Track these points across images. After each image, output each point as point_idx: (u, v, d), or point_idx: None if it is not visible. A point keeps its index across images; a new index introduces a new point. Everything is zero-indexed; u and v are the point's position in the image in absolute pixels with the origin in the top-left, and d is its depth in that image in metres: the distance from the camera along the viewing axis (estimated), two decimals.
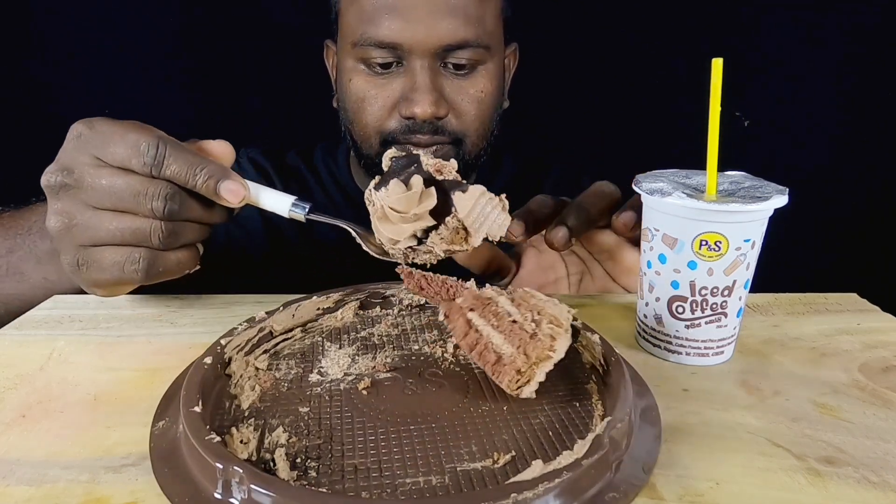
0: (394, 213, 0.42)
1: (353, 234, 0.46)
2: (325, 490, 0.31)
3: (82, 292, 0.50)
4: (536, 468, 0.30)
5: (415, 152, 0.45)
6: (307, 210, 0.46)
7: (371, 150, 0.73)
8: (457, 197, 0.43)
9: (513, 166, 0.90)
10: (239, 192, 0.43)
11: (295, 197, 0.46)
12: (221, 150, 0.46)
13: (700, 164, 0.44)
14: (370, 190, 0.44)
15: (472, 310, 0.40)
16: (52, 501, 0.31)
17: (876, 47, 1.15)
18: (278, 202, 0.45)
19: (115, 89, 1.12)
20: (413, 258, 0.45)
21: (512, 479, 0.29)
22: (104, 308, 0.54)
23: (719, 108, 0.42)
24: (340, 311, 0.50)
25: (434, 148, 0.71)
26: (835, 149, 1.21)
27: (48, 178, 0.42)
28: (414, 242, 0.44)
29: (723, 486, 0.33)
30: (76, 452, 0.35)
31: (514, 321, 0.38)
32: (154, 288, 0.58)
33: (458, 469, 0.32)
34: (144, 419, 0.37)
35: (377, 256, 0.46)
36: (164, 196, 0.41)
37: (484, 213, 0.43)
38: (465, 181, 0.44)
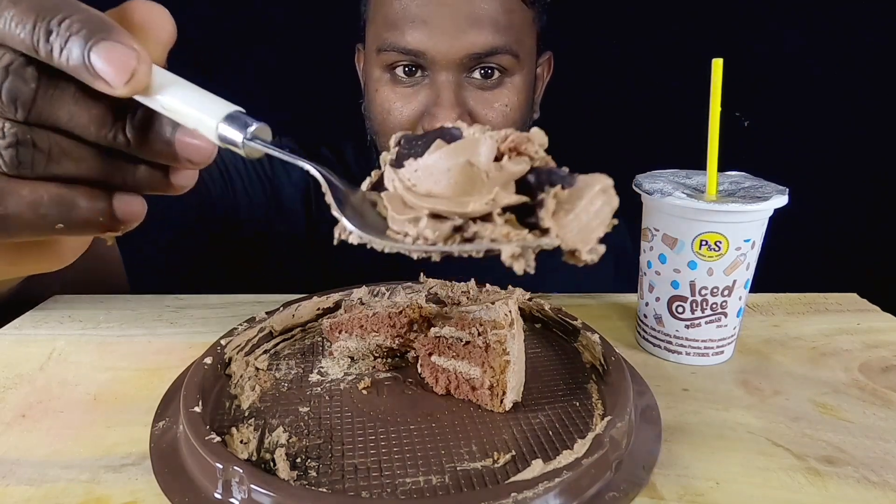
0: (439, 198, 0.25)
1: (324, 184, 0.27)
2: (325, 490, 0.31)
3: None
4: (536, 468, 0.30)
5: (450, 126, 0.29)
6: (254, 129, 0.26)
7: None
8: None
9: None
10: (128, 62, 0.24)
11: (236, 108, 0.27)
12: (152, 17, 0.27)
13: (700, 164, 0.45)
14: (388, 167, 0.28)
15: (430, 354, 0.40)
16: (52, 501, 0.31)
17: (876, 47, 1.15)
18: (205, 119, 0.26)
19: None
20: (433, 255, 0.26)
21: (512, 479, 0.29)
22: (104, 308, 0.54)
23: (719, 108, 0.42)
24: (341, 310, 0.50)
25: None
26: (835, 149, 1.21)
27: None
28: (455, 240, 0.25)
29: (723, 485, 0.33)
30: (76, 452, 0.35)
31: (466, 342, 0.38)
32: (154, 288, 0.58)
33: (458, 469, 0.32)
34: (144, 419, 0.37)
35: (349, 236, 0.28)
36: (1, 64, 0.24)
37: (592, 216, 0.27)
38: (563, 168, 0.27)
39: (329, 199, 0.27)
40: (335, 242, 0.27)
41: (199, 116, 0.26)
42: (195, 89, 0.26)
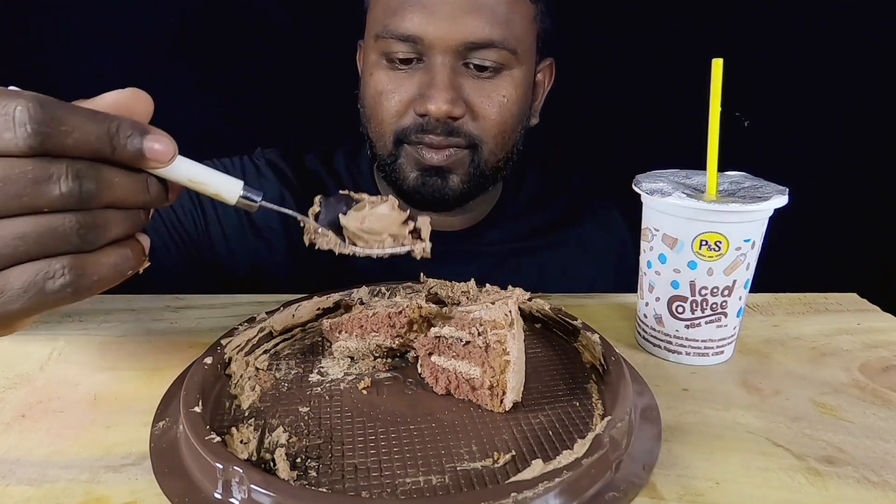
0: (375, 233, 0.41)
1: (303, 224, 0.41)
2: (325, 490, 0.31)
3: None
4: (536, 468, 0.30)
5: (347, 194, 0.42)
6: (261, 198, 0.37)
7: (384, 149, 0.71)
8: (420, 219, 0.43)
9: (537, 181, 0.88)
10: (169, 147, 0.33)
11: (243, 182, 0.37)
12: (134, 102, 0.34)
13: (700, 164, 0.45)
14: (340, 216, 0.41)
15: (430, 354, 0.40)
16: (52, 501, 0.31)
17: (876, 47, 1.15)
18: (225, 185, 0.36)
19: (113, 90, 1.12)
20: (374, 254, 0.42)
21: (512, 479, 0.29)
22: (105, 308, 0.54)
23: (719, 108, 0.42)
24: (341, 310, 0.50)
25: (448, 153, 0.67)
26: (835, 149, 1.21)
27: None
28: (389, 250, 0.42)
29: (723, 485, 0.33)
30: (76, 452, 0.35)
31: (466, 342, 0.38)
32: (154, 287, 0.57)
33: (458, 469, 0.32)
34: (144, 419, 0.37)
35: (319, 248, 0.41)
36: (72, 174, 0.30)
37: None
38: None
39: (308, 240, 0.41)
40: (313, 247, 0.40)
41: (221, 188, 0.36)
42: (208, 169, 0.35)
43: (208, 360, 0.39)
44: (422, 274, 0.52)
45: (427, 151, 0.67)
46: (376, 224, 0.40)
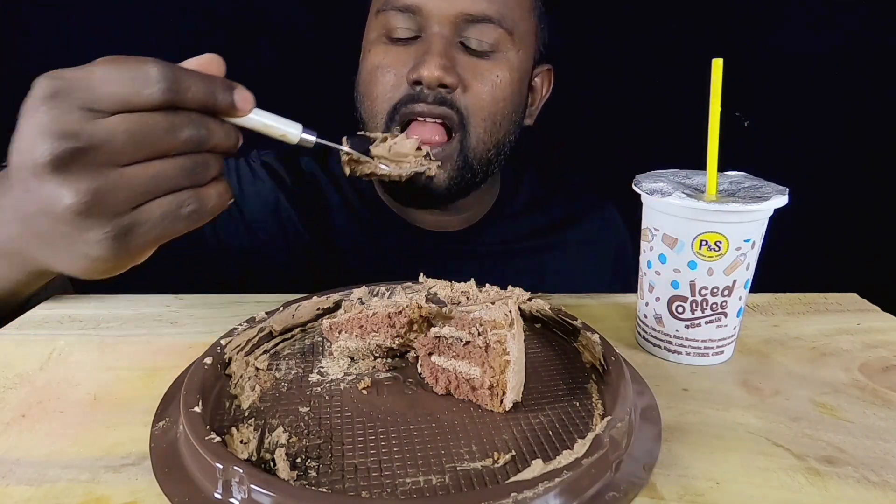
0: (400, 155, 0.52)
1: (354, 154, 0.50)
2: (325, 490, 0.31)
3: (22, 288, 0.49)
4: (536, 468, 0.30)
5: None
6: (316, 136, 0.45)
7: (377, 129, 0.70)
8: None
9: (535, 181, 0.88)
10: (250, 98, 0.41)
11: (301, 126, 0.45)
12: (216, 64, 0.41)
13: (700, 164, 0.45)
14: (372, 146, 0.50)
15: (430, 354, 0.40)
16: (52, 501, 0.31)
17: (876, 47, 1.15)
18: (289, 129, 0.45)
19: None
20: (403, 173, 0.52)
21: (512, 479, 0.29)
22: (104, 308, 0.54)
23: (719, 108, 0.42)
24: (341, 310, 0.50)
25: (436, 126, 0.67)
26: (835, 149, 1.21)
27: (41, 154, 0.35)
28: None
29: (723, 485, 0.33)
30: (76, 452, 0.35)
31: (466, 342, 0.38)
32: (154, 288, 0.58)
33: (458, 469, 0.32)
34: (144, 419, 0.37)
35: (359, 174, 0.50)
36: (191, 123, 0.38)
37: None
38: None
39: (359, 169, 0.50)
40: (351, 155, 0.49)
41: (286, 130, 0.44)
42: (272, 114, 0.44)
43: (208, 360, 0.39)
44: (421, 274, 0.52)
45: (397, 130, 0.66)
46: (400, 150, 0.51)
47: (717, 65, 0.42)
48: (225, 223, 0.76)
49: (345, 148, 0.49)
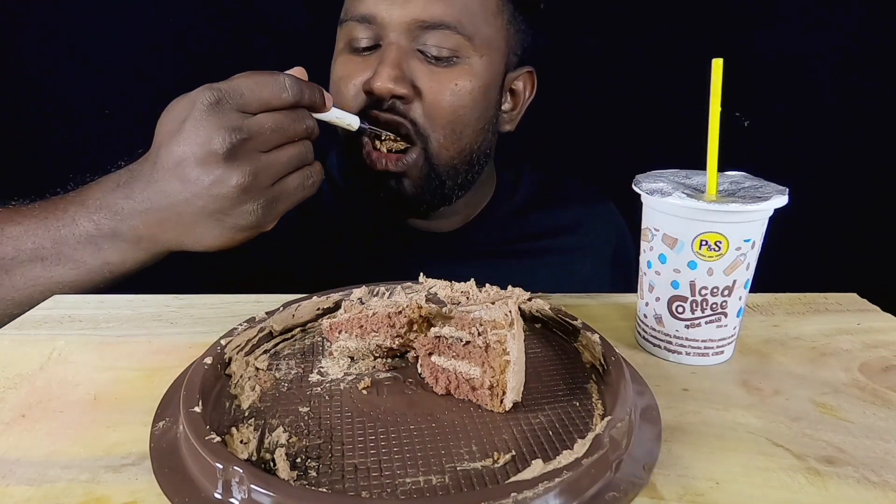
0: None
1: (384, 133, 0.66)
2: (325, 490, 0.31)
3: (123, 279, 0.57)
4: (536, 468, 0.30)
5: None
6: (367, 125, 0.64)
7: (342, 138, 0.70)
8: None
9: (534, 181, 0.87)
10: (331, 98, 0.58)
11: (358, 117, 0.64)
12: (304, 74, 0.58)
13: (700, 164, 0.45)
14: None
15: (430, 354, 0.40)
16: (52, 501, 0.31)
17: (876, 47, 1.15)
18: (352, 120, 0.63)
19: (114, 89, 1.12)
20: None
21: (512, 479, 0.29)
22: (104, 308, 0.54)
23: (719, 108, 0.42)
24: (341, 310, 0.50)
25: (398, 161, 0.67)
26: (835, 149, 1.21)
27: (218, 145, 0.49)
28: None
29: (723, 485, 0.33)
30: (76, 452, 0.35)
31: (466, 342, 0.38)
32: (154, 288, 0.58)
33: (458, 469, 0.32)
34: (144, 419, 0.37)
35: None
36: (308, 116, 0.54)
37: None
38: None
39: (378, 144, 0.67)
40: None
41: (350, 120, 0.63)
42: (338, 108, 0.61)
43: (208, 360, 0.39)
44: (421, 274, 0.52)
45: (377, 156, 0.67)
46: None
47: (717, 65, 0.42)
48: None
49: (388, 133, 0.66)
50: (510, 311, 0.39)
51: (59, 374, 0.43)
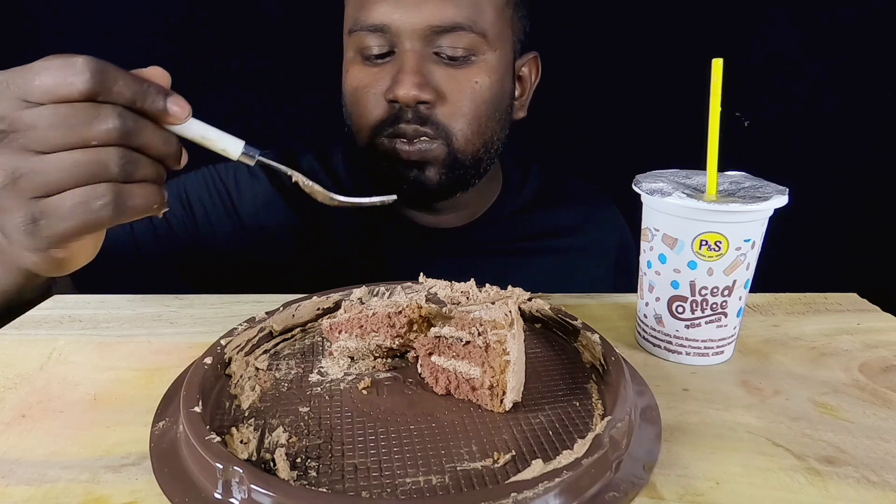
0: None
1: (301, 181, 0.48)
2: (325, 490, 0.31)
3: (23, 292, 0.50)
4: (536, 468, 0.30)
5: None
6: (258, 154, 0.45)
7: (363, 143, 0.71)
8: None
9: (541, 179, 0.87)
10: (185, 107, 0.41)
11: (244, 142, 0.44)
12: (158, 75, 0.42)
13: (700, 164, 0.45)
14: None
15: (430, 354, 0.40)
16: (52, 501, 0.31)
17: (876, 47, 1.15)
18: (229, 143, 0.44)
19: None
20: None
21: (512, 479, 0.29)
22: (104, 308, 0.54)
23: (719, 108, 0.42)
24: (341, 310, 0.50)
25: (422, 146, 0.67)
26: (835, 149, 1.21)
27: None
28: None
29: (723, 485, 0.33)
30: (76, 452, 0.35)
31: (466, 342, 0.38)
32: (154, 288, 0.57)
33: (458, 469, 0.32)
34: (144, 419, 0.37)
35: (322, 201, 0.48)
36: (116, 115, 0.38)
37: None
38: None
39: (310, 193, 0.48)
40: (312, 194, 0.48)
41: (226, 146, 0.44)
42: (215, 129, 0.43)
43: (208, 360, 0.39)
44: (421, 274, 0.52)
45: (401, 144, 0.67)
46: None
47: (717, 65, 0.42)
48: (222, 224, 0.76)
49: (289, 171, 0.47)
50: (510, 311, 0.39)
51: (59, 374, 0.43)
